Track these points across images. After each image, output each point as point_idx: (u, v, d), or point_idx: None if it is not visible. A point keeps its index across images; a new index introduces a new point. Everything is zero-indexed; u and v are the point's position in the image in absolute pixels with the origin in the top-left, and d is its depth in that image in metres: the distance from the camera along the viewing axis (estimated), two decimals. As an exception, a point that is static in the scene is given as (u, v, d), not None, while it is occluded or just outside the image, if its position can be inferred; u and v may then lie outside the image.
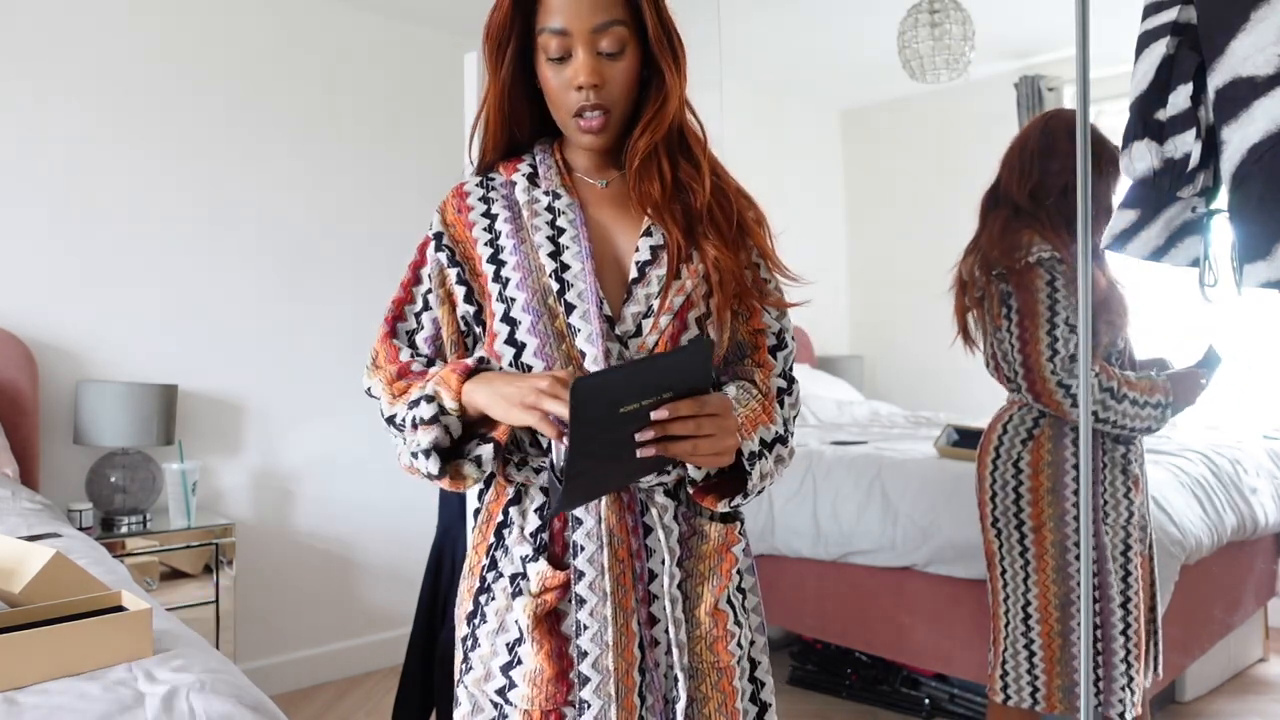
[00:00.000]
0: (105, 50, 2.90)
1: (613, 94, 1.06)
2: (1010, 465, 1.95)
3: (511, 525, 1.08)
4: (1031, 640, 1.93)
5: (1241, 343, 3.57)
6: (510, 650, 1.05)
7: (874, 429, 3.83)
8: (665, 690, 1.04)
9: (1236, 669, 3.19)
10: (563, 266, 1.06)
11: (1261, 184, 0.96)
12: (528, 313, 1.05)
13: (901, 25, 3.12)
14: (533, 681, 1.02)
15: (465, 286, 1.10)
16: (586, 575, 1.02)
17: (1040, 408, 1.91)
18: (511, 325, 1.06)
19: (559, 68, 1.06)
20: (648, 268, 1.07)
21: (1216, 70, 1.01)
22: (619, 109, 1.08)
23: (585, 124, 1.07)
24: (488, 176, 1.16)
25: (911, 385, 4.86)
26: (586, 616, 1.01)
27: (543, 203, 1.10)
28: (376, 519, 3.44)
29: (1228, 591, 2.85)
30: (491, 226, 1.11)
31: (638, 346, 1.04)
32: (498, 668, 1.05)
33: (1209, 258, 1.20)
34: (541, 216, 1.09)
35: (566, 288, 1.05)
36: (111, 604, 1.21)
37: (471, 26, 3.62)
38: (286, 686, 3.20)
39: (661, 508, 1.05)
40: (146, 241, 2.98)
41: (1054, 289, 1.87)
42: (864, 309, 5.10)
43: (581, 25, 1.04)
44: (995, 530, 1.98)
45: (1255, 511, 2.78)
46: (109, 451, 2.77)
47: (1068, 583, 1.88)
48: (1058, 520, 1.90)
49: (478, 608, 1.09)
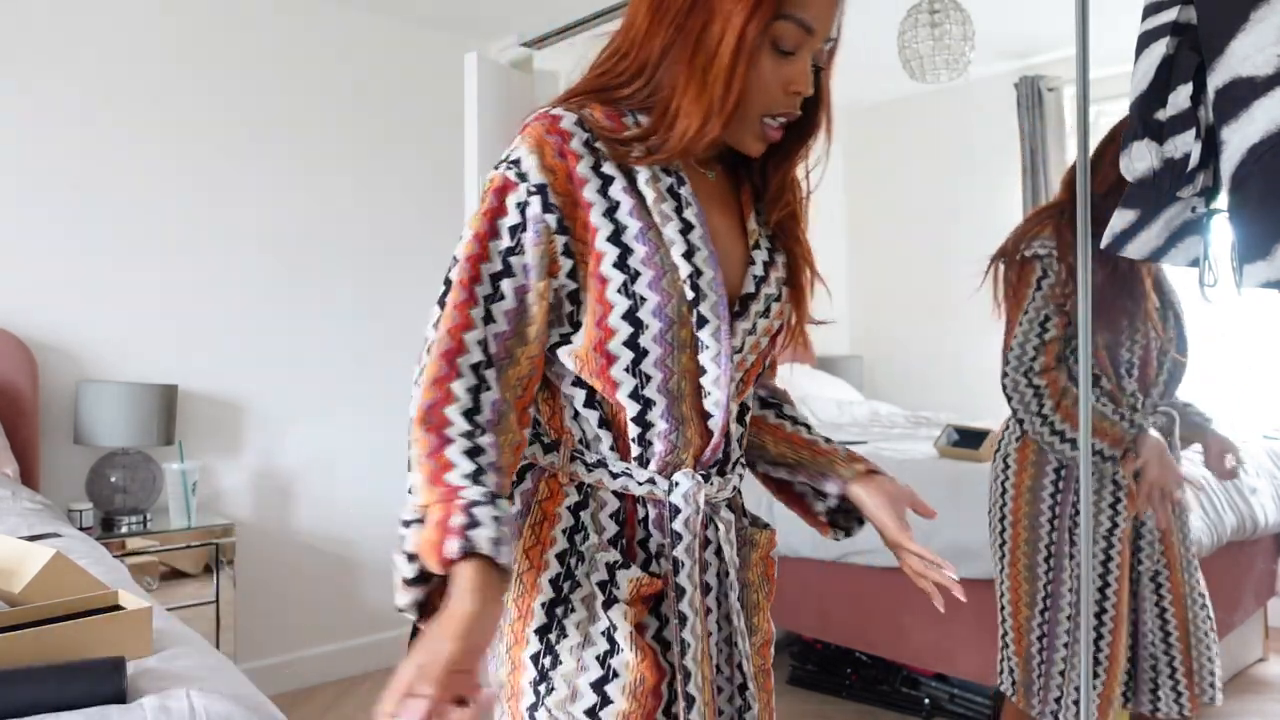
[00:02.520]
0: (106, 50, 2.90)
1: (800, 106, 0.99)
2: (1001, 460, 1.98)
3: (585, 530, 0.97)
4: (1006, 633, 1.97)
5: (1241, 343, 3.57)
6: (602, 663, 0.93)
7: (874, 429, 3.83)
8: (731, 697, 1.03)
9: (1236, 669, 3.19)
10: (696, 272, 0.93)
11: (1261, 184, 0.96)
12: (658, 319, 0.92)
13: (901, 25, 3.12)
14: (632, 694, 0.93)
15: (571, 260, 0.93)
16: (687, 591, 0.95)
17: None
18: (636, 327, 0.92)
19: (780, 62, 0.94)
20: (761, 285, 1.01)
21: (1216, 70, 1.01)
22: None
23: (773, 130, 0.97)
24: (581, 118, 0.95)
25: (911, 385, 4.86)
26: (689, 634, 0.95)
27: (665, 183, 0.95)
28: (376, 519, 3.44)
29: (1228, 591, 2.85)
30: (605, 192, 0.93)
31: (737, 363, 0.99)
32: (587, 684, 0.93)
33: (1209, 258, 1.21)
34: (668, 203, 0.94)
35: (701, 298, 0.93)
36: (109, 603, 1.21)
37: (471, 26, 3.63)
38: (286, 686, 3.20)
39: (726, 522, 1.03)
40: (147, 242, 2.98)
41: (1039, 285, 1.85)
42: (864, 309, 5.10)
43: (824, 30, 0.96)
44: (988, 523, 2.03)
45: (1255, 511, 2.78)
46: (109, 451, 2.77)
47: (1035, 582, 1.90)
48: (1031, 519, 1.92)
49: (553, 620, 0.95)
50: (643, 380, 0.94)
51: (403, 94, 3.58)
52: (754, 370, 1.04)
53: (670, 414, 0.95)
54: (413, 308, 3.58)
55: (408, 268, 3.59)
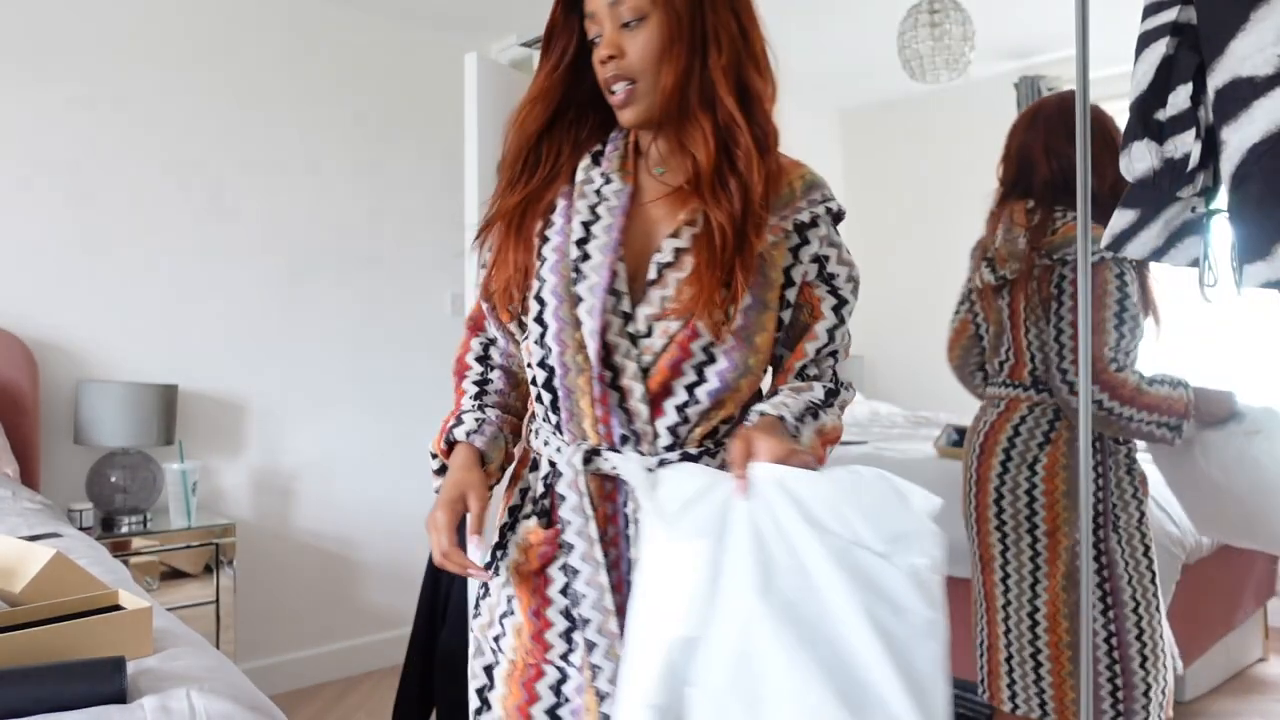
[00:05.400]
0: (105, 50, 2.90)
1: (633, 64, 1.03)
2: (1025, 468, 1.86)
3: (530, 489, 1.13)
4: (1039, 650, 1.85)
5: (1241, 342, 3.57)
6: (508, 601, 1.12)
7: (874, 429, 3.83)
8: None
9: (1236, 669, 3.19)
10: (584, 256, 1.04)
11: (1261, 184, 0.96)
12: (554, 297, 1.05)
13: (901, 25, 3.12)
14: (516, 632, 1.10)
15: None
16: (577, 548, 1.05)
17: (1058, 405, 1.86)
18: (541, 305, 1.06)
19: (596, 50, 1.06)
20: (667, 270, 1.03)
21: (1216, 70, 1.01)
22: (647, 79, 1.04)
23: (614, 99, 1.06)
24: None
25: (911, 385, 4.86)
26: (582, 585, 1.05)
27: (595, 184, 1.09)
28: (376, 519, 3.44)
29: (1228, 591, 2.85)
30: (554, 201, 1.10)
31: (644, 349, 1.03)
32: (498, 616, 1.13)
33: (1209, 258, 1.20)
34: (587, 200, 1.08)
35: (580, 278, 1.03)
36: (110, 603, 1.21)
37: (472, 26, 3.63)
38: (286, 686, 3.20)
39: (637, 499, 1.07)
40: (147, 241, 2.98)
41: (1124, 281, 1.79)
42: (864, 309, 5.07)
43: (598, 3, 1.04)
44: (1000, 534, 1.90)
45: (1255, 511, 2.78)
46: (109, 451, 2.77)
47: (1077, 590, 1.79)
48: (1071, 525, 1.82)
49: (493, 561, 1.13)
50: (547, 352, 1.06)
51: (403, 94, 3.58)
52: (682, 357, 1.02)
53: (564, 383, 1.06)
54: (413, 308, 3.58)
55: (408, 268, 3.59)
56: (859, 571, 0.82)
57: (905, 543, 0.83)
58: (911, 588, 0.82)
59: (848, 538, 0.84)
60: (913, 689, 0.79)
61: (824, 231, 1.11)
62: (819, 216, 1.10)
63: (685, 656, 0.84)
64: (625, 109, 1.06)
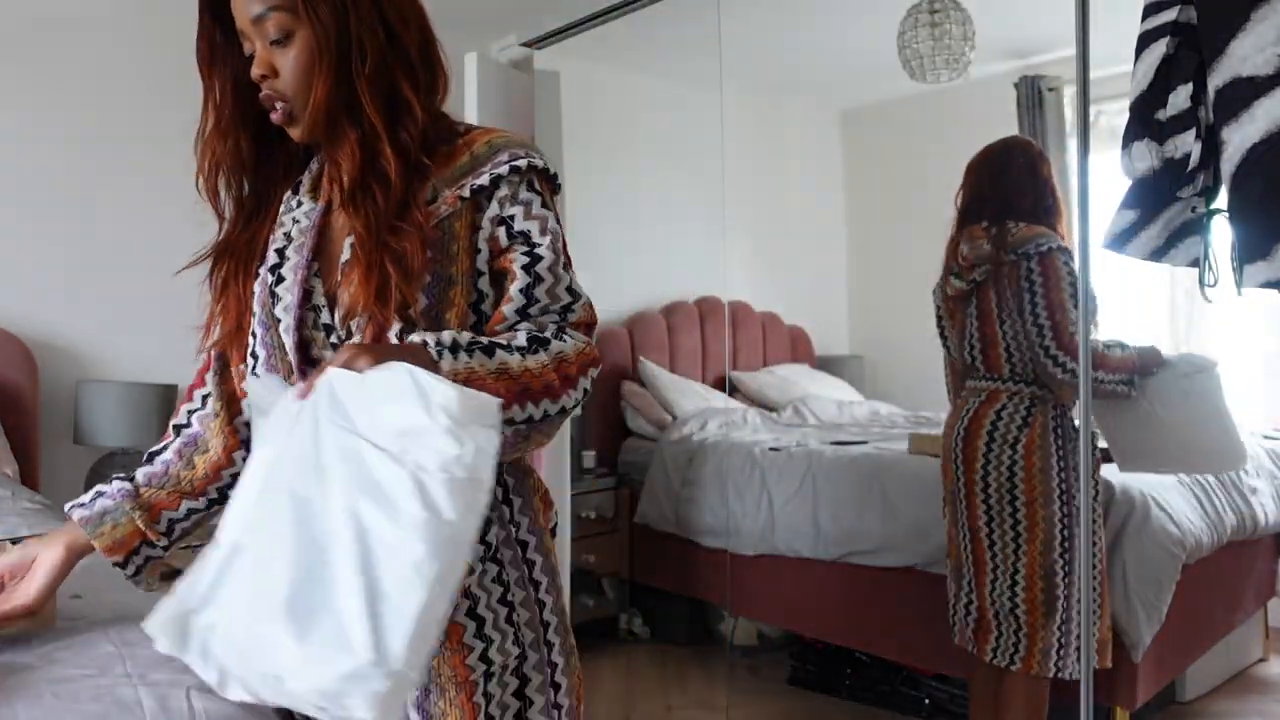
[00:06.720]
0: (105, 49, 2.90)
1: (285, 84, 1.01)
2: (1007, 448, 2.13)
3: None
4: (1017, 606, 2.12)
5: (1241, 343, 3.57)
6: None
7: (874, 429, 3.83)
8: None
9: (1236, 669, 3.19)
10: (279, 280, 1.05)
11: (1261, 184, 0.96)
12: (261, 326, 1.07)
13: (901, 25, 3.12)
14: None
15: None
16: None
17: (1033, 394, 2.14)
18: (253, 338, 1.09)
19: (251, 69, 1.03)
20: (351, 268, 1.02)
21: (1216, 70, 1.02)
22: (300, 98, 1.02)
23: (275, 118, 1.04)
24: None
25: (911, 385, 4.85)
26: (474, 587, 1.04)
27: (292, 211, 1.10)
28: (376, 519, 3.43)
29: (1228, 591, 2.85)
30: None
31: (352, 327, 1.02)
32: None
33: (1209, 258, 1.21)
34: (283, 227, 1.10)
35: (276, 300, 1.05)
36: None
37: (472, 26, 3.62)
38: (286, 686, 3.20)
39: None
40: (147, 241, 2.98)
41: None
42: (864, 309, 5.09)
43: (244, 21, 1.01)
44: (985, 506, 2.15)
45: (1255, 511, 2.78)
46: (109, 451, 2.77)
47: (1051, 554, 2.09)
48: (1046, 497, 2.10)
49: None
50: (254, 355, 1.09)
51: (403, 94, 3.58)
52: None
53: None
54: (413, 308, 3.58)
55: (408, 268, 3.58)
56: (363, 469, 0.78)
57: (416, 440, 0.78)
58: (411, 487, 0.76)
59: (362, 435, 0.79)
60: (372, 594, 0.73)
61: (505, 192, 1.04)
62: (501, 177, 1.04)
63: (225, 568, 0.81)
64: (290, 128, 1.05)
